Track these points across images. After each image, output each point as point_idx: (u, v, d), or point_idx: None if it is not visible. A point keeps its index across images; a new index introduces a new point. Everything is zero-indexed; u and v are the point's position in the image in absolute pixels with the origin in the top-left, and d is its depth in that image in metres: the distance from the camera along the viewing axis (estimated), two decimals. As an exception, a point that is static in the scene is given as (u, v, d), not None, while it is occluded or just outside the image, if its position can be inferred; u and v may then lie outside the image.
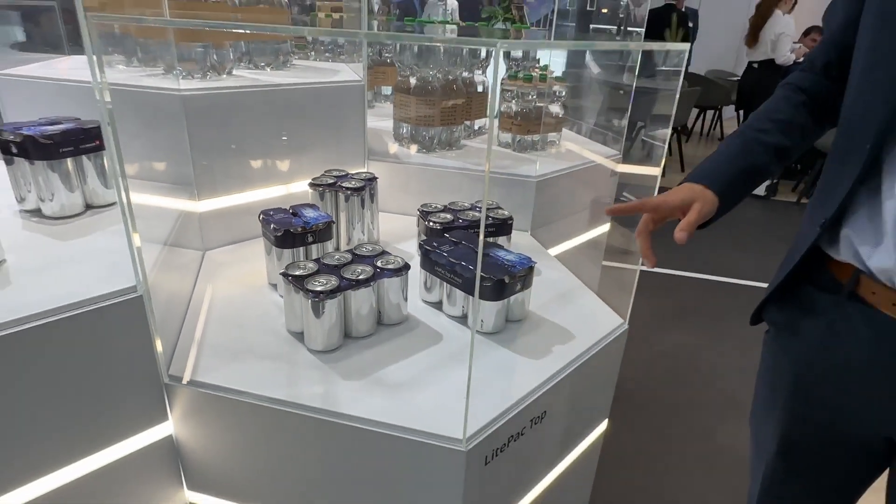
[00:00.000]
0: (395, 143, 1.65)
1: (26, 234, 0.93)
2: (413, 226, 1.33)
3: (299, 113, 1.30)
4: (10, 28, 1.56)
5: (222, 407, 0.82)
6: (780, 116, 0.82)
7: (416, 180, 1.50)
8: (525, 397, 0.84)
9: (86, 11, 0.62)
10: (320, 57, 1.93)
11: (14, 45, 1.59)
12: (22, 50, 1.58)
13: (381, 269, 0.95)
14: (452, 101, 1.58)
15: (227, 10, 1.32)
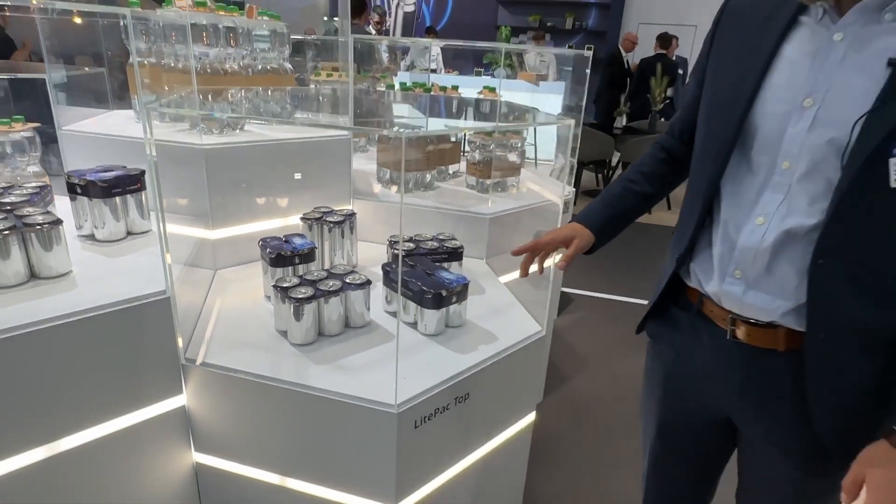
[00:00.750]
0: (378, 184, 1.97)
1: (84, 252, 1.25)
2: (385, 252, 1.62)
3: (296, 160, 1.62)
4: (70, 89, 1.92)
5: (224, 382, 1.11)
6: (646, 169, 1.07)
7: (394, 216, 1.80)
8: (450, 379, 1.12)
9: (145, 105, 0.93)
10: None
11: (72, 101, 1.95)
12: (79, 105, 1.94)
13: (348, 283, 1.24)
14: (426, 150, 1.90)
15: (244, 79, 1.66)
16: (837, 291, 0.76)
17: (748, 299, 0.83)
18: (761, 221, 0.81)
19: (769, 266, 0.81)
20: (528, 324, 1.37)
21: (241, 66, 1.67)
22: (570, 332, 3.02)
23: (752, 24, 0.83)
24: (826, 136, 0.73)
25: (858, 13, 0.72)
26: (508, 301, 1.49)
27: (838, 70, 0.73)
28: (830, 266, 0.76)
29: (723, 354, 0.89)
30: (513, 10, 8.84)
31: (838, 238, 0.75)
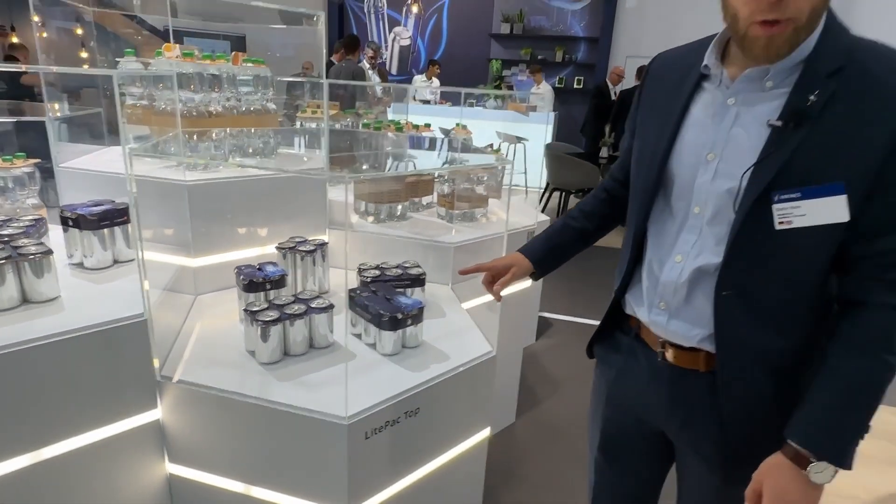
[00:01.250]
0: (355, 215, 2.11)
1: (73, 279, 1.37)
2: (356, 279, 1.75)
3: (275, 194, 1.76)
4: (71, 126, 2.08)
5: (195, 398, 1.22)
6: (587, 208, 1.18)
7: (368, 244, 1.93)
8: (400, 394, 1.23)
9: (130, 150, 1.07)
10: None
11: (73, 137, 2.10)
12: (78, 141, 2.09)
13: (312, 307, 1.36)
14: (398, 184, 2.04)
15: (229, 120, 1.81)
16: (739, 320, 0.87)
17: (671, 327, 0.94)
18: (679, 259, 0.92)
19: (687, 298, 0.92)
20: (481, 345, 1.48)
21: (226, 108, 1.82)
22: (547, 355, 3.12)
23: (669, 86, 0.95)
24: (725, 186, 0.85)
25: (745, 81, 0.84)
26: (466, 324, 1.61)
27: (732, 129, 0.85)
28: (732, 298, 0.86)
29: (655, 374, 0.99)
30: (505, 44, 9.15)
31: (735, 273, 0.85)
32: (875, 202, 0.77)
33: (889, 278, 0.79)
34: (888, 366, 0.79)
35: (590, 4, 8.48)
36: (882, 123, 0.75)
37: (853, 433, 0.80)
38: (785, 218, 0.80)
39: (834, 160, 0.77)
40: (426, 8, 9.45)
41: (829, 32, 0.79)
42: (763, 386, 0.89)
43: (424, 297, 1.69)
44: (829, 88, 0.77)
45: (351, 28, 9.99)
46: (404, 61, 9.86)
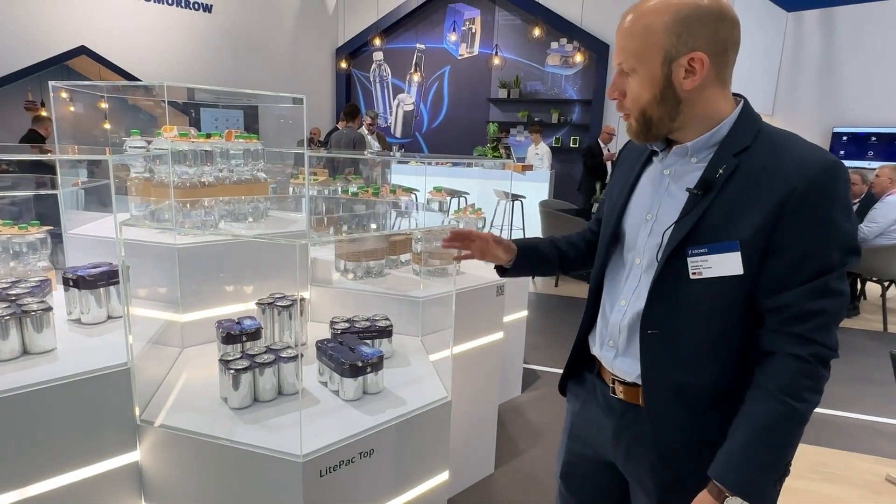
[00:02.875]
0: (336, 272, 2.28)
1: (71, 333, 1.54)
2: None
3: (258, 255, 1.94)
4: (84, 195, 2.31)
5: (170, 440, 1.35)
6: (573, 239, 1.29)
7: (347, 299, 2.09)
8: (354, 435, 1.35)
9: (120, 224, 1.26)
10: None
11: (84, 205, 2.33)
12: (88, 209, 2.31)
13: (281, 357, 1.51)
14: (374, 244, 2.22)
15: (221, 189, 2.02)
16: (660, 357, 0.98)
17: (617, 364, 1.06)
18: (623, 303, 1.05)
19: (629, 338, 1.03)
20: (438, 392, 1.60)
21: (218, 179, 2.04)
22: (531, 407, 3.18)
23: (631, 160, 1.13)
24: (655, 241, 0.99)
25: (675, 156, 1.00)
26: (427, 373, 1.73)
27: (665, 194, 1.00)
28: (655, 337, 0.98)
29: (608, 408, 1.09)
30: (503, 108, 9.61)
31: (657, 314, 0.97)
32: (771, 262, 0.89)
33: (791, 331, 0.89)
34: (792, 409, 0.87)
35: (582, 69, 8.95)
36: (769, 195, 0.88)
37: (764, 471, 0.88)
38: (696, 269, 0.93)
39: (732, 222, 0.90)
40: (428, 76, 10.02)
41: (742, 119, 0.95)
42: (687, 422, 0.98)
43: (392, 348, 1.83)
44: (733, 164, 0.92)
45: (358, 96, 10.58)
46: (408, 125, 10.36)
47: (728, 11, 0.91)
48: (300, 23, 9.89)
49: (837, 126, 8.42)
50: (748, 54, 8.24)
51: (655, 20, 0.90)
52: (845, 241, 0.88)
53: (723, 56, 0.92)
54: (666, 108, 0.94)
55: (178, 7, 8.44)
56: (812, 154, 0.89)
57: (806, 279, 0.88)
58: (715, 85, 0.93)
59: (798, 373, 0.88)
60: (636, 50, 0.92)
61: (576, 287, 5.73)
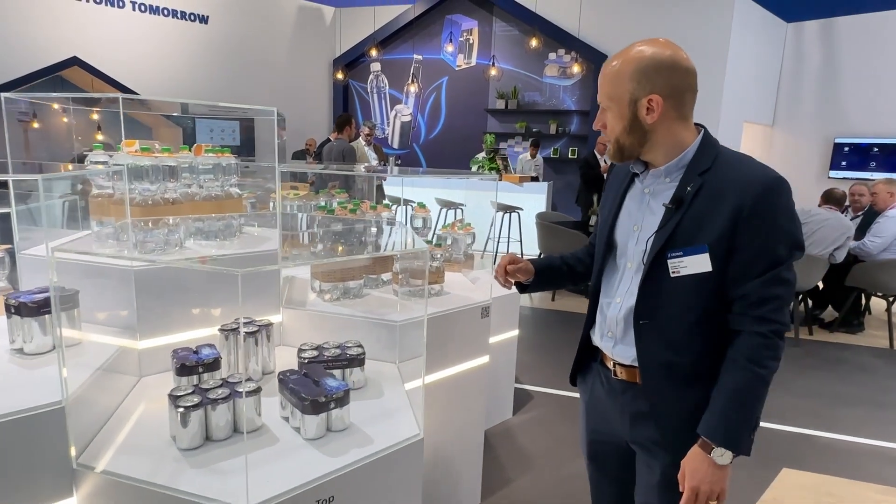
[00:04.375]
0: (312, 293, 2.16)
1: (10, 364, 1.42)
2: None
3: (224, 276, 1.82)
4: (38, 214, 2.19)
5: (108, 486, 1.22)
6: (579, 255, 1.52)
7: (322, 322, 1.97)
8: (312, 481, 1.22)
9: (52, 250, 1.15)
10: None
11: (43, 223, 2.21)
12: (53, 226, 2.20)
13: (237, 391, 1.39)
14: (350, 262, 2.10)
15: (188, 207, 1.91)
16: (652, 342, 1.20)
17: (616, 350, 1.27)
18: (618, 301, 1.26)
19: (624, 329, 1.25)
20: (410, 428, 1.48)
21: (185, 195, 1.93)
22: (523, 431, 3.05)
23: (617, 182, 1.34)
24: (641, 248, 1.21)
25: (652, 177, 1.22)
26: (401, 405, 1.61)
27: (646, 209, 1.23)
28: (646, 325, 1.20)
29: (612, 389, 1.31)
30: (500, 119, 9.53)
31: (647, 307, 1.20)
32: (733, 259, 1.11)
33: (753, 314, 1.11)
34: (757, 374, 1.10)
35: (580, 80, 8.88)
36: (727, 207, 1.10)
37: (741, 425, 1.10)
38: (675, 269, 1.15)
39: (700, 230, 1.12)
40: (425, 87, 9.96)
41: (703, 146, 1.17)
42: (678, 396, 1.19)
43: (364, 377, 1.71)
44: (698, 182, 1.14)
45: (355, 107, 10.52)
46: (405, 136, 10.28)
47: (681, 63, 1.12)
48: (297, 34, 9.86)
49: (839, 137, 8.31)
50: (747, 65, 8.18)
51: (624, 69, 1.13)
52: (789, 239, 1.09)
53: (678, 98, 1.13)
54: (635, 137, 1.17)
55: (175, 18, 8.41)
56: (757, 172, 1.11)
57: (761, 271, 1.09)
58: (676, 119, 1.15)
59: (760, 346, 1.10)
60: (610, 92, 1.16)
61: (572, 301, 5.60)
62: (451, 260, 2.85)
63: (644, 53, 1.11)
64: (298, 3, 9.82)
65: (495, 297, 2.69)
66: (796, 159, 8.72)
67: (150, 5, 8.09)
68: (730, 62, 7.72)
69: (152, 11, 8.14)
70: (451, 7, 9.52)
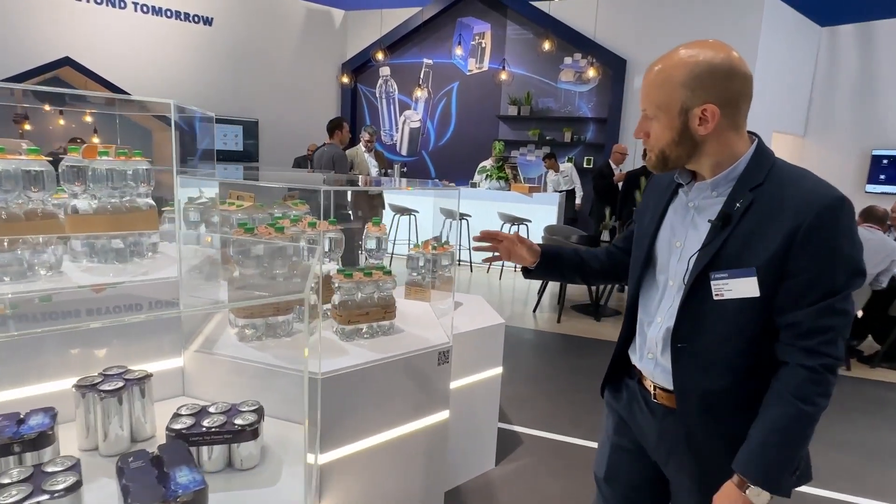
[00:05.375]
0: (232, 329, 1.76)
1: None
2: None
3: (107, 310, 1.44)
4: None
5: None
6: (595, 252, 1.42)
7: (232, 372, 1.57)
8: None
9: None
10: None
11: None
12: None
13: (44, 489, 0.99)
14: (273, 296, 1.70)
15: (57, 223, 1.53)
16: (690, 367, 1.09)
17: (657, 372, 1.17)
18: (659, 320, 1.16)
19: (663, 351, 1.14)
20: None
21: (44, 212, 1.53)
22: (507, 485, 2.60)
23: (659, 191, 1.22)
24: (683, 266, 1.10)
25: (697, 191, 1.11)
26: (295, 499, 1.19)
27: (690, 224, 1.12)
28: (684, 349, 1.09)
29: (651, 412, 1.20)
30: (512, 125, 9.11)
31: (685, 330, 1.09)
32: (785, 286, 1.00)
33: (802, 345, 1.00)
34: (802, 412, 0.99)
35: (597, 86, 8.42)
36: (781, 227, 0.99)
37: (781, 465, 1.00)
38: (719, 291, 1.04)
39: (749, 251, 1.02)
40: (436, 92, 9.60)
41: (756, 157, 1.05)
42: (711, 423, 1.09)
43: (259, 451, 1.30)
44: (748, 198, 1.02)
45: (363, 112, 10.21)
46: (414, 142, 9.93)
47: (738, 69, 1.01)
48: (305, 37, 9.60)
49: (877, 149, 7.69)
50: (778, 72, 7.62)
51: (673, 75, 1.01)
52: (849, 266, 0.99)
53: (734, 107, 1.02)
54: (684, 149, 1.06)
55: (178, 20, 8.21)
56: (818, 190, 1.00)
57: (815, 300, 0.99)
58: (729, 129, 1.04)
59: (808, 380, 1.00)
60: (657, 100, 1.04)
61: (581, 324, 5.12)
62: (423, 285, 2.44)
63: (698, 58, 1.00)
64: (307, 6, 9.57)
65: (477, 328, 2.28)
66: (830, 172, 8.11)
67: (152, 6, 7.90)
68: (758, 68, 7.19)
69: (154, 12, 7.95)
70: (463, 10, 9.16)
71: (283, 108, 9.20)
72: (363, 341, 1.72)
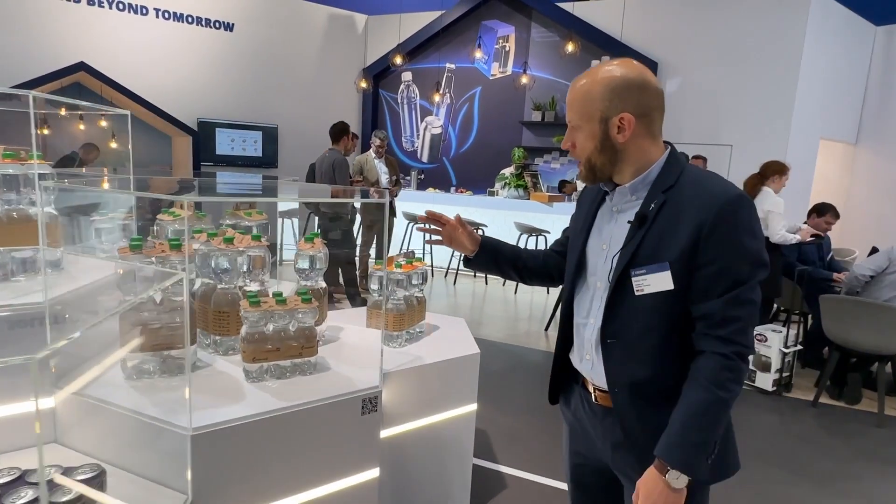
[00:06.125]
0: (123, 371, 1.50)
1: None
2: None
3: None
4: None
5: None
6: (533, 252, 1.48)
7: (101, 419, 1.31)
8: None
9: None
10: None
11: None
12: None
13: None
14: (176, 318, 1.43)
15: None
16: (619, 361, 1.17)
17: (594, 374, 1.23)
18: (592, 321, 1.22)
19: (597, 350, 1.20)
20: None
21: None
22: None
23: (590, 198, 1.30)
24: (608, 266, 1.18)
25: (618, 195, 1.19)
26: None
27: (614, 227, 1.20)
28: (613, 345, 1.17)
29: (593, 413, 1.26)
30: (536, 132, 8.75)
31: (613, 326, 1.17)
32: (695, 278, 1.08)
33: (716, 334, 1.07)
34: (717, 396, 1.05)
35: (626, 91, 7.97)
36: (689, 223, 1.08)
37: (697, 449, 1.06)
38: (639, 287, 1.12)
39: (663, 247, 1.10)
40: (458, 97, 9.34)
41: (668, 163, 1.15)
42: (643, 413, 1.15)
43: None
44: (661, 199, 1.12)
45: (385, 118, 10.03)
46: (435, 149, 9.67)
47: (650, 83, 1.12)
48: (327, 42, 9.50)
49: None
50: (826, 74, 6.99)
51: (594, 88, 1.12)
52: (753, 257, 1.07)
53: (648, 116, 1.13)
54: (606, 156, 1.14)
55: (199, 26, 8.22)
56: (720, 189, 1.09)
57: (724, 290, 1.06)
58: (645, 137, 1.14)
59: (722, 367, 1.05)
60: (581, 111, 1.14)
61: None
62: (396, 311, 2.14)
63: (614, 73, 1.10)
64: (329, 11, 9.47)
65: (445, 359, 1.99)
66: (884, 183, 7.42)
67: (174, 12, 7.92)
68: (804, 69, 6.62)
69: (176, 19, 7.97)
70: (486, 13, 8.87)
71: (303, 114, 9.10)
72: (272, 383, 1.42)
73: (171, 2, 7.86)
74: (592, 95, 1.11)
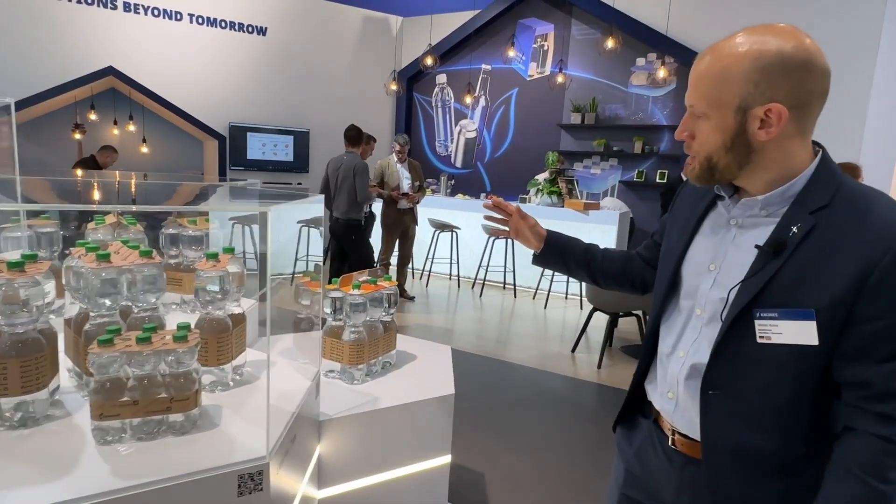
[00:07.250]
0: None
1: None
2: None
3: None
4: None
5: None
6: (611, 252, 1.29)
7: None
8: None
9: None
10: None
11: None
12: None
13: None
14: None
15: None
16: (723, 418, 0.93)
17: (676, 416, 1.01)
18: (682, 354, 1.00)
19: (687, 393, 0.98)
20: None
21: None
22: None
23: (693, 199, 1.05)
24: (719, 295, 0.94)
25: (743, 207, 0.95)
26: None
27: (731, 246, 0.96)
28: (718, 397, 0.93)
29: (668, 458, 1.05)
30: (575, 135, 8.23)
31: (720, 376, 0.93)
32: (850, 333, 0.84)
33: (874, 410, 0.83)
34: (878, 492, 0.82)
35: (674, 90, 7.36)
36: (850, 263, 0.82)
37: None
38: (765, 333, 0.88)
39: (807, 288, 0.85)
40: (493, 99, 8.94)
41: (819, 173, 0.88)
42: (745, 486, 0.93)
43: None
44: (809, 223, 0.86)
45: (419, 121, 9.76)
46: (469, 153, 9.30)
47: (817, 61, 0.83)
48: (361, 45, 9.33)
49: None
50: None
51: (733, 65, 0.85)
52: None
53: (805, 108, 0.86)
54: (735, 157, 0.89)
55: (233, 30, 8.20)
56: None
57: (891, 355, 0.83)
58: (794, 137, 0.88)
59: (882, 453, 0.83)
60: (709, 94, 0.88)
61: (622, 371, 4.20)
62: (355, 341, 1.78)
63: (767, 46, 0.82)
64: (364, 14, 9.30)
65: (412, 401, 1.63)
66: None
67: (207, 17, 7.93)
68: (880, 67, 5.83)
69: (210, 24, 7.97)
70: (523, 11, 8.45)
71: (335, 118, 8.93)
72: (126, 447, 1.09)
73: (206, 7, 7.87)
74: (730, 74, 0.84)
